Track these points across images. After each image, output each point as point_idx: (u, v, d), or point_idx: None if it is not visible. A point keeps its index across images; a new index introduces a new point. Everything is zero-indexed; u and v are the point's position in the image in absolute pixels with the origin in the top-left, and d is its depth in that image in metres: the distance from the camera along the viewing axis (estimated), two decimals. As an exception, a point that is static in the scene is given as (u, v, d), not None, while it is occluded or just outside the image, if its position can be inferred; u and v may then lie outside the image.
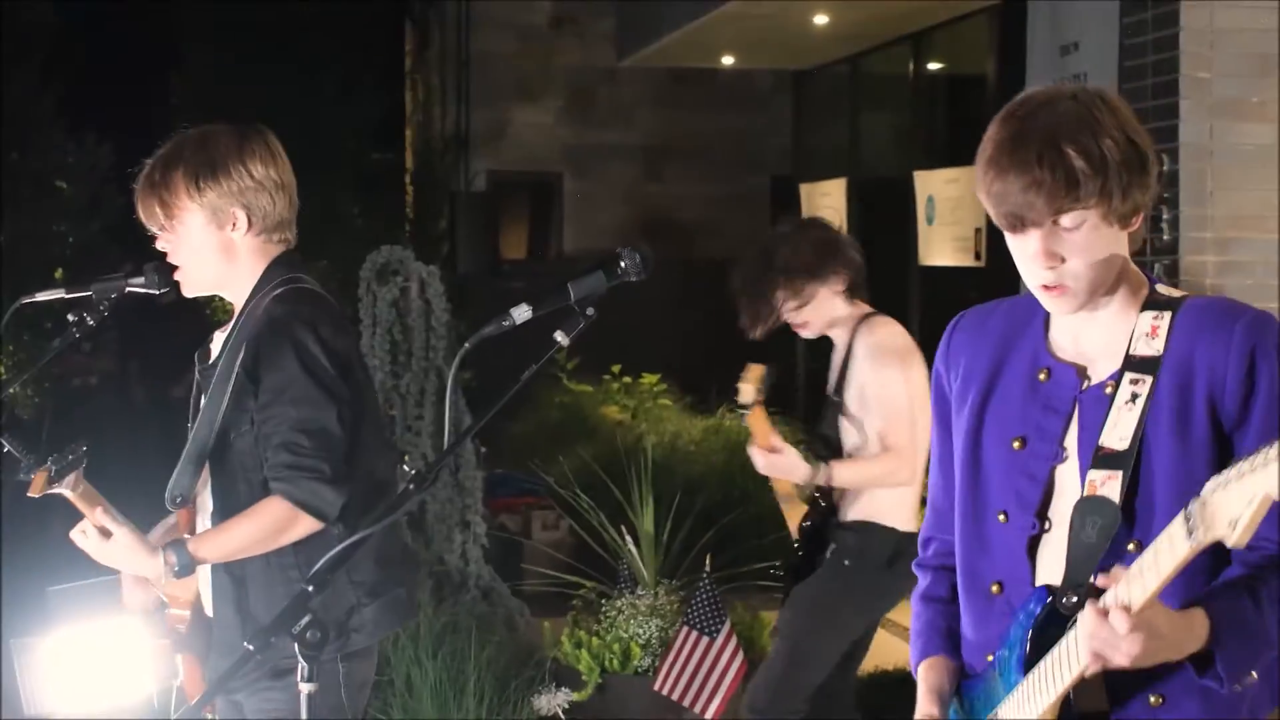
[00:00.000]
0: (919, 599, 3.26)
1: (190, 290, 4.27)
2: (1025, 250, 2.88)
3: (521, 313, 3.31)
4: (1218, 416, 2.82)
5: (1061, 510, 2.91)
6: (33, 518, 7.71)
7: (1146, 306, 2.93)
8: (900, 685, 8.27)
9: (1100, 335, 2.96)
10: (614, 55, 20.69)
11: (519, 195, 21.65)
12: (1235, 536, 2.44)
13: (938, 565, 3.25)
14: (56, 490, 3.86)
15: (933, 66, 16.64)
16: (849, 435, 5.58)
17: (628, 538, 6.86)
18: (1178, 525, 2.53)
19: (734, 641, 6.25)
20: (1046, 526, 2.93)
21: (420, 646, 6.23)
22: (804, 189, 16.01)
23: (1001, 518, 2.99)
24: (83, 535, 3.93)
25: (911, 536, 5.23)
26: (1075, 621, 2.72)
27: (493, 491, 9.53)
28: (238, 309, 4.26)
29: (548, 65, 21.41)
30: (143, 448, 14.19)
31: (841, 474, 5.49)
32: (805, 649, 5.45)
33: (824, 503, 5.65)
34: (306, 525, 3.97)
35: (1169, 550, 2.55)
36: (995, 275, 9.09)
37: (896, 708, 6.83)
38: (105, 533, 3.90)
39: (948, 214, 12.42)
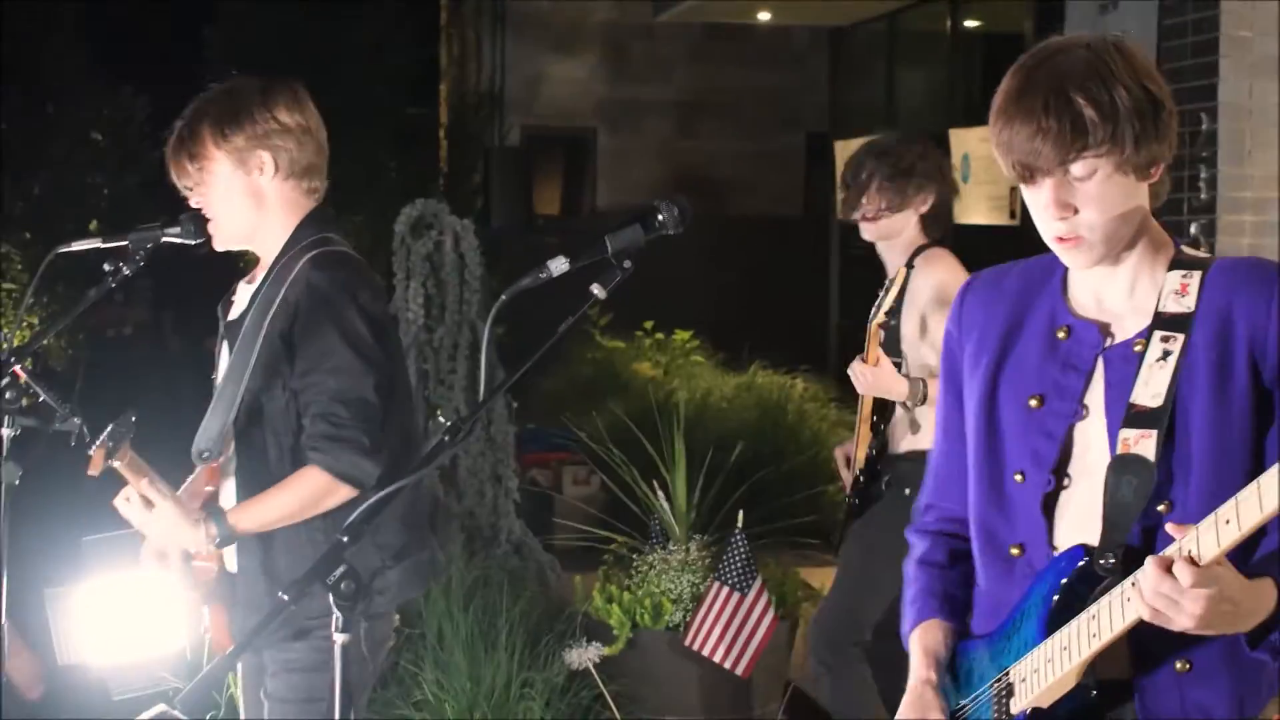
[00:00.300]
0: (915, 564, 3.20)
1: (223, 244, 4.27)
2: (1038, 201, 2.83)
3: (559, 265, 3.29)
4: (1259, 371, 2.76)
5: (1081, 468, 2.87)
6: (66, 468, 7.72)
7: (1174, 266, 2.88)
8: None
9: (1123, 292, 2.92)
10: (650, 10, 20.60)
11: (553, 150, 21.63)
12: None
13: (937, 531, 3.20)
14: (98, 461, 3.86)
15: (970, 24, 16.57)
16: (922, 356, 5.53)
17: (659, 493, 6.85)
18: (1272, 478, 2.44)
19: (765, 598, 6.25)
20: (1065, 484, 2.89)
21: (452, 600, 6.24)
22: (839, 146, 15.92)
23: (1018, 478, 2.93)
24: (126, 503, 3.94)
25: None
26: (1110, 583, 2.70)
27: (524, 446, 9.53)
28: (266, 262, 4.26)
29: (583, 20, 21.36)
30: (178, 398, 14.19)
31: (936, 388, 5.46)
32: (870, 579, 5.41)
33: (883, 436, 5.60)
34: (344, 495, 3.98)
35: (1256, 503, 2.47)
36: (1030, 234, 8.98)
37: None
38: (148, 503, 3.90)
39: (983, 172, 12.38)
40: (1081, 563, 2.80)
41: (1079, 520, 2.85)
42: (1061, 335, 2.94)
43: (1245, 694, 2.80)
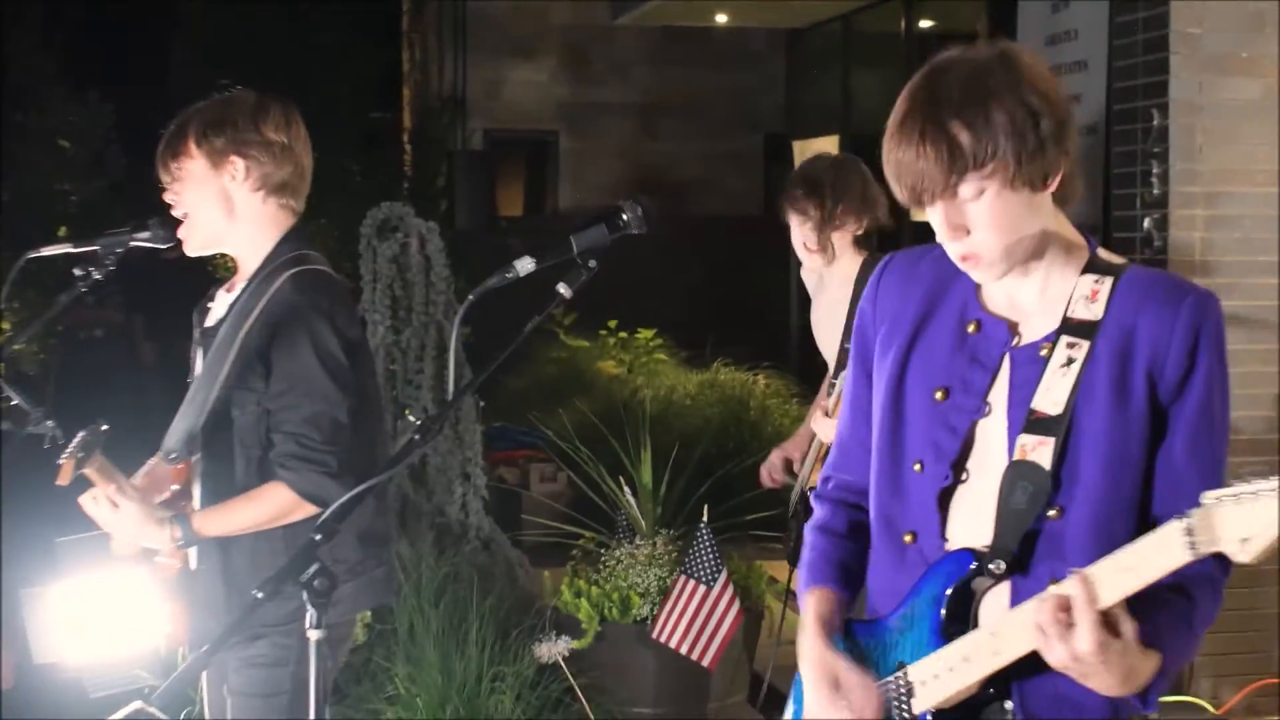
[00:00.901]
0: (813, 529, 3.23)
1: (193, 247, 4.28)
2: (934, 222, 2.84)
3: (525, 265, 3.30)
4: (1156, 390, 2.78)
5: (979, 464, 2.88)
6: (39, 470, 7.70)
7: (1087, 269, 2.88)
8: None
9: (1034, 293, 2.91)
10: (609, 13, 20.62)
11: (515, 153, 21.62)
12: (1246, 553, 2.44)
13: (836, 499, 3.23)
14: (67, 470, 3.87)
15: (924, 24, 16.61)
16: None
17: (626, 489, 6.87)
18: (1174, 532, 2.49)
19: (730, 590, 6.26)
20: (963, 478, 2.90)
21: (423, 596, 6.24)
22: (797, 146, 15.99)
23: (917, 467, 2.94)
24: (93, 502, 3.97)
25: None
26: (994, 587, 2.79)
27: (492, 445, 9.55)
28: (243, 272, 4.27)
29: (543, 24, 21.35)
30: (148, 400, 14.18)
31: None
32: None
33: None
34: (307, 511, 4.00)
35: (1160, 555, 2.52)
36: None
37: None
38: (114, 505, 3.92)
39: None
40: (971, 566, 2.82)
41: (972, 516, 2.86)
42: (971, 329, 2.95)
43: (1118, 701, 2.79)
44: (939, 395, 2.93)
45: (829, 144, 15.71)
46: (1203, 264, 7.01)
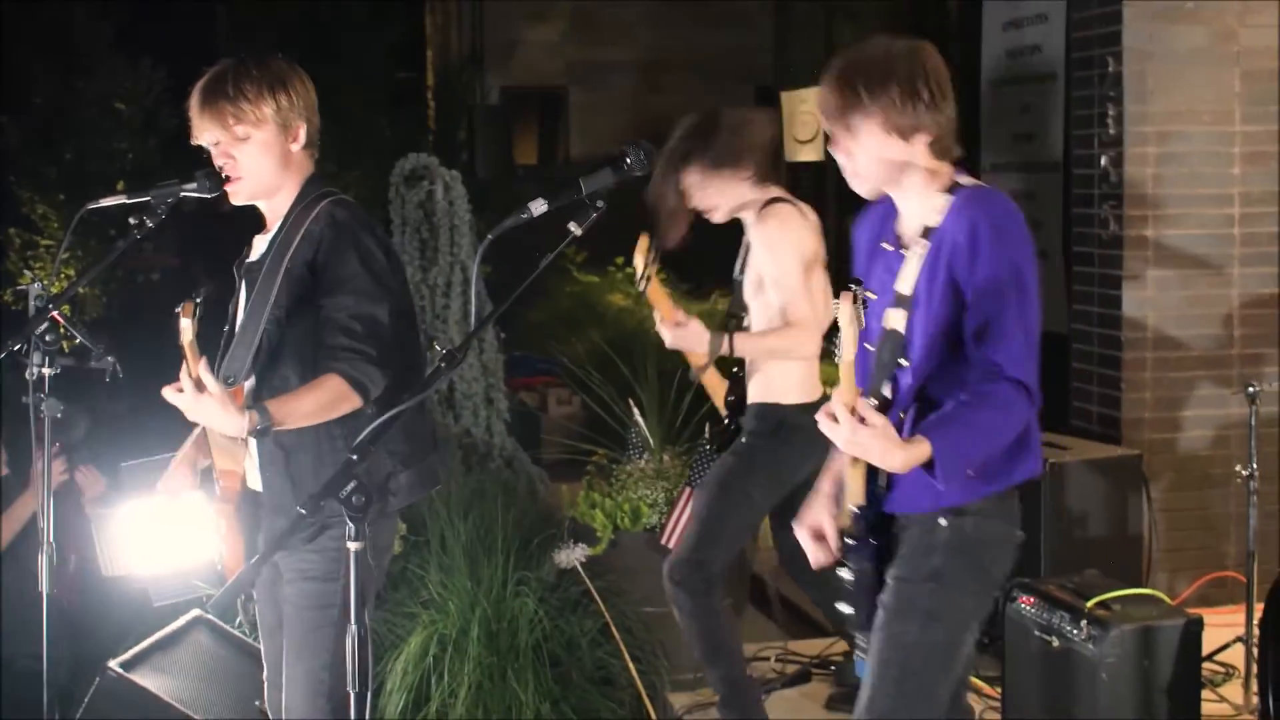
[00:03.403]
0: None
1: (239, 198, 4.24)
2: (834, 147, 3.66)
3: (538, 206, 3.35)
4: (954, 271, 3.48)
5: None
6: (104, 398, 7.71)
7: (944, 191, 3.61)
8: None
9: (914, 215, 3.66)
10: (613, -22, 20.56)
11: (529, 107, 21.60)
12: (843, 357, 3.34)
13: None
14: (186, 324, 3.83)
15: (899, -15, 16.51)
16: (758, 315, 5.43)
17: (635, 410, 6.85)
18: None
19: (732, 500, 6.25)
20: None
21: (452, 510, 6.23)
22: (784, 97, 15.87)
23: (870, 347, 3.66)
24: (177, 392, 3.84)
25: (803, 408, 5.18)
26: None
27: (512, 371, 9.51)
28: (275, 214, 4.24)
29: (553, -12, 21.28)
30: (201, 335, 14.18)
31: (742, 344, 5.27)
32: (715, 528, 5.29)
33: (743, 377, 5.49)
34: (355, 401, 3.97)
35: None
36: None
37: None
38: (200, 387, 3.80)
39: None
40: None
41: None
42: (887, 247, 3.70)
43: (937, 493, 3.49)
44: (873, 296, 3.62)
45: (813, 94, 15.59)
46: (1154, 196, 6.98)
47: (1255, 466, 5.63)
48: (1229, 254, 7.06)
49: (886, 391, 3.61)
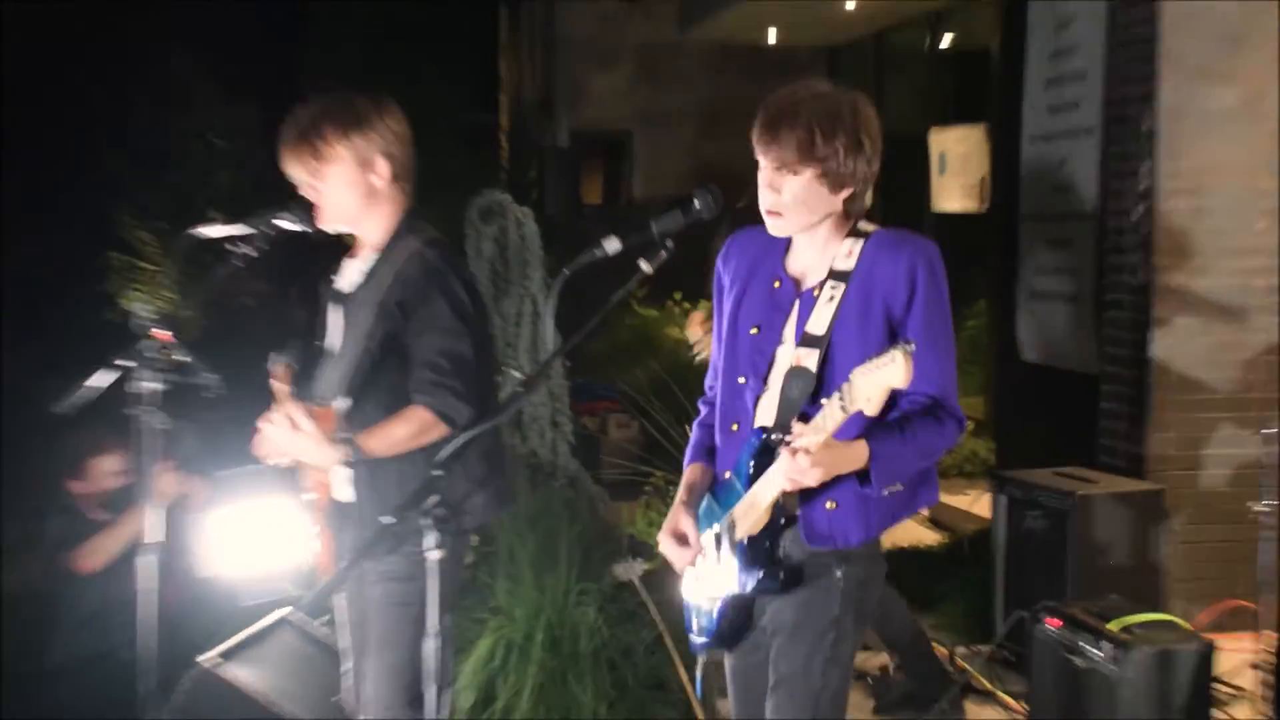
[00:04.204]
0: (697, 425, 3.85)
1: (329, 226, 4.32)
2: (761, 179, 3.53)
3: (612, 244, 3.42)
4: (890, 313, 3.40)
5: (776, 376, 3.52)
6: (198, 414, 7.77)
7: (848, 236, 3.53)
8: (913, 558, 8.32)
9: (815, 256, 3.57)
10: (677, 31, 20.61)
11: (596, 150, 21.67)
12: (870, 409, 3.13)
13: (709, 403, 3.82)
14: (280, 387, 4.02)
15: (947, 42, 16.53)
16: None
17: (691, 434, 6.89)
18: (834, 399, 3.18)
19: (780, 521, 6.28)
20: (765, 388, 3.55)
21: (520, 524, 6.27)
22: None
23: (742, 380, 3.59)
24: (273, 425, 3.99)
25: None
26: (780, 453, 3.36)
27: (576, 397, 9.55)
28: (370, 244, 4.32)
29: (620, 40, 21.37)
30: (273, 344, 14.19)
31: None
32: None
33: None
34: (442, 430, 4.07)
35: (831, 415, 3.21)
36: (995, 218, 9.07)
37: (904, 576, 6.88)
38: (294, 424, 3.95)
39: (957, 167, 12.37)
40: (761, 438, 3.50)
41: (771, 409, 3.52)
42: (776, 285, 3.60)
43: (872, 521, 3.50)
44: (754, 331, 3.58)
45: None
46: (1183, 247, 6.99)
47: (1272, 504, 5.65)
48: (1253, 305, 7.06)
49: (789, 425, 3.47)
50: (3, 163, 22.24)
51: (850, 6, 16.37)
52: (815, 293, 3.49)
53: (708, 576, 3.69)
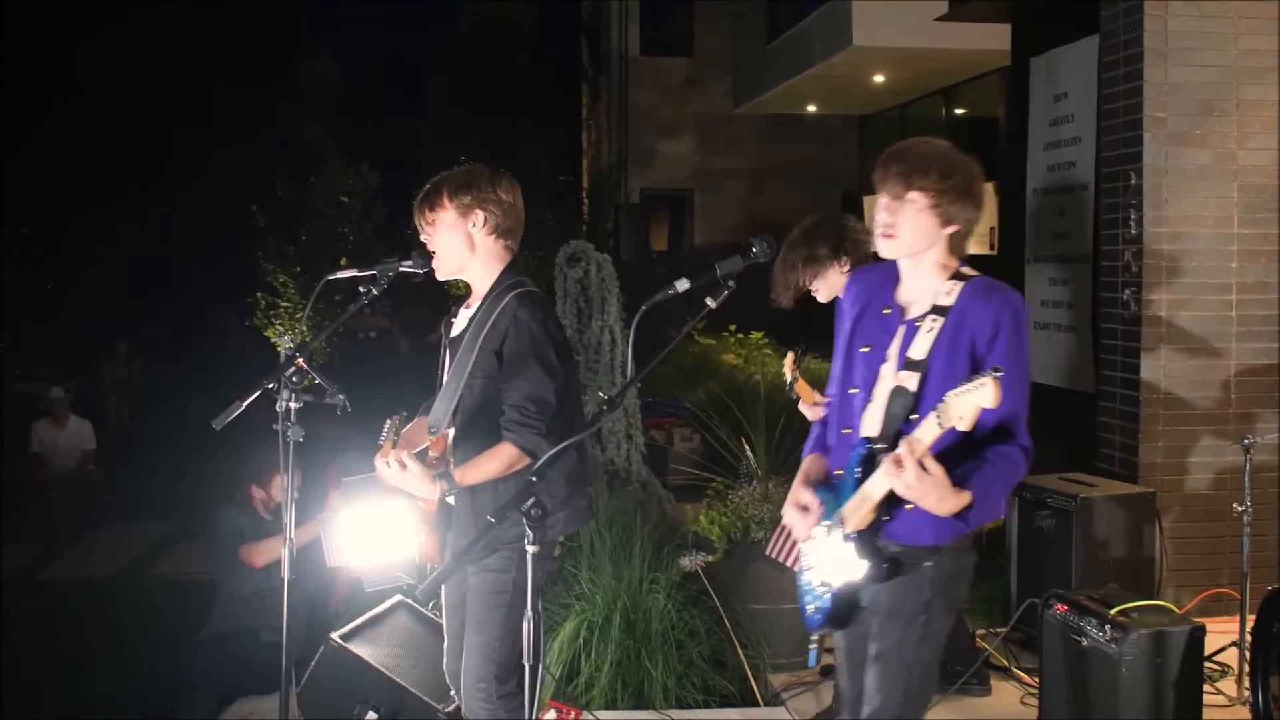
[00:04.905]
0: (820, 422, 3.82)
1: (442, 273, 4.35)
2: (879, 204, 3.53)
3: (682, 284, 3.44)
4: (975, 348, 3.39)
5: (879, 391, 3.52)
6: (327, 434, 7.81)
7: (951, 278, 3.50)
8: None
9: (919, 289, 3.54)
10: (730, 105, 20.63)
11: (662, 205, 21.73)
12: (963, 425, 3.12)
13: (827, 410, 3.78)
14: (387, 442, 4.03)
15: (959, 112, 16.44)
16: None
17: (746, 446, 6.83)
18: (932, 416, 3.20)
19: (821, 520, 6.21)
20: (871, 399, 3.54)
21: (599, 522, 6.25)
22: (866, 200, 15.87)
23: (853, 391, 3.59)
24: (385, 465, 4.03)
25: None
26: (881, 459, 3.36)
27: (647, 414, 9.53)
28: (479, 292, 4.32)
29: (682, 112, 21.42)
30: (403, 381, 14.38)
31: None
32: None
33: None
34: (525, 463, 4.10)
35: (928, 428, 3.21)
36: (1004, 260, 8.96)
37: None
38: (403, 465, 3.99)
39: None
40: (868, 447, 3.49)
41: (875, 419, 3.51)
42: (886, 312, 3.58)
43: (940, 531, 3.44)
44: (865, 349, 3.58)
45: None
46: (1167, 285, 6.88)
47: (1249, 504, 5.54)
48: (1228, 332, 6.95)
49: (892, 435, 3.46)
50: (173, 221, 22.60)
51: (878, 80, 16.30)
52: (918, 323, 3.47)
53: (822, 565, 3.65)
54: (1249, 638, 5.28)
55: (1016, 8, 9.21)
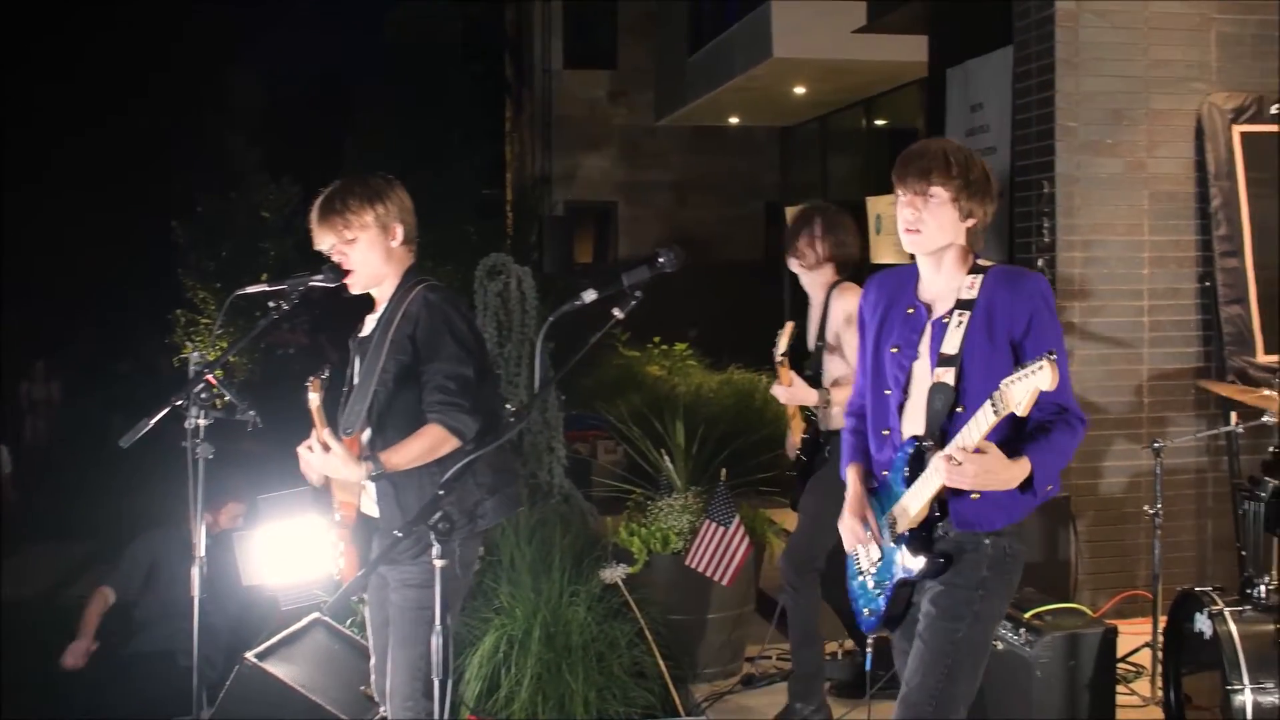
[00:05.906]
0: (850, 433, 3.83)
1: (357, 289, 4.28)
2: (901, 201, 3.55)
3: (589, 295, 3.41)
4: (1011, 335, 3.41)
5: (914, 389, 3.55)
6: (231, 447, 7.74)
7: (970, 272, 3.53)
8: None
9: (941, 286, 3.58)
10: (654, 117, 20.68)
11: (586, 217, 21.72)
12: (1021, 411, 3.13)
13: (859, 414, 3.80)
14: (314, 396, 3.86)
15: (879, 122, 16.56)
16: (833, 368, 5.47)
17: (666, 457, 6.83)
18: (987, 404, 3.20)
19: (742, 530, 6.22)
20: (908, 397, 3.56)
21: (519, 536, 6.22)
22: (788, 211, 15.93)
23: (887, 392, 3.60)
24: (308, 450, 3.93)
25: None
26: (930, 455, 3.42)
27: (569, 426, 9.51)
28: (383, 299, 4.27)
29: (607, 125, 21.43)
30: (325, 396, 14.24)
31: (837, 394, 5.37)
32: (823, 521, 5.27)
33: (816, 420, 5.56)
34: (453, 444, 4.00)
35: (984, 418, 3.22)
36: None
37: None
38: (326, 447, 3.89)
39: (890, 227, 12.33)
40: (915, 446, 3.50)
41: (914, 417, 3.54)
42: (910, 311, 3.61)
43: (1013, 509, 3.47)
44: (894, 350, 3.59)
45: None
46: (1080, 291, 6.96)
47: (1160, 507, 5.61)
48: (1140, 338, 7.04)
49: (937, 432, 3.48)
50: (91, 238, 22.31)
51: (799, 92, 16.40)
52: (945, 319, 3.50)
53: (874, 568, 3.66)
54: (1161, 638, 5.35)
55: (934, 19, 9.30)
